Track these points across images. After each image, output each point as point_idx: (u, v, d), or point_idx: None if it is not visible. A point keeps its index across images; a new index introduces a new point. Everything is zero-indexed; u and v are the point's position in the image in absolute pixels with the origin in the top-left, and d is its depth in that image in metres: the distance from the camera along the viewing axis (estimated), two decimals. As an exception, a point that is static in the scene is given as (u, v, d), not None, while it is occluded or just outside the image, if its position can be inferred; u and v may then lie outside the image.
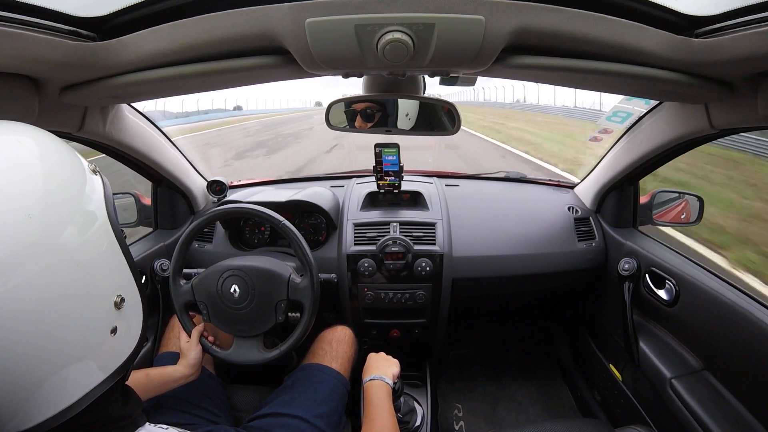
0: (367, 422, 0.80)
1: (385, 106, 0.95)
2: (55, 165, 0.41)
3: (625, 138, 1.21)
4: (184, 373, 0.89)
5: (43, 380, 0.38)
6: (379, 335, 1.39)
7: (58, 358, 0.39)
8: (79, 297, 0.40)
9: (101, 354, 0.43)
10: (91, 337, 0.42)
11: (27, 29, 0.52)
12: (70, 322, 0.39)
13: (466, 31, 0.55)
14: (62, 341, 0.39)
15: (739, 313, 0.88)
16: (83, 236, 0.41)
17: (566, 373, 1.70)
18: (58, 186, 0.40)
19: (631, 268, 1.20)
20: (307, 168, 7.52)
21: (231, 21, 0.56)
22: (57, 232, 0.38)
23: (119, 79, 0.67)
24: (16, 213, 0.36)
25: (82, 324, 0.41)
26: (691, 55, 0.59)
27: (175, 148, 1.30)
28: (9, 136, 0.41)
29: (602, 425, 0.86)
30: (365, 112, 0.95)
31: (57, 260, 0.38)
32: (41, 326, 0.37)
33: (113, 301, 0.44)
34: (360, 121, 0.97)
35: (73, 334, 0.40)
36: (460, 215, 1.38)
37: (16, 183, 0.37)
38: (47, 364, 0.38)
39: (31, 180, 0.38)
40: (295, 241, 0.95)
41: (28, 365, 0.37)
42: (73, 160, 0.44)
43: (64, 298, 0.38)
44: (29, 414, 0.38)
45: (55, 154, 0.42)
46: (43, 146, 0.42)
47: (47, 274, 0.37)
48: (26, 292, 0.35)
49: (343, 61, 0.62)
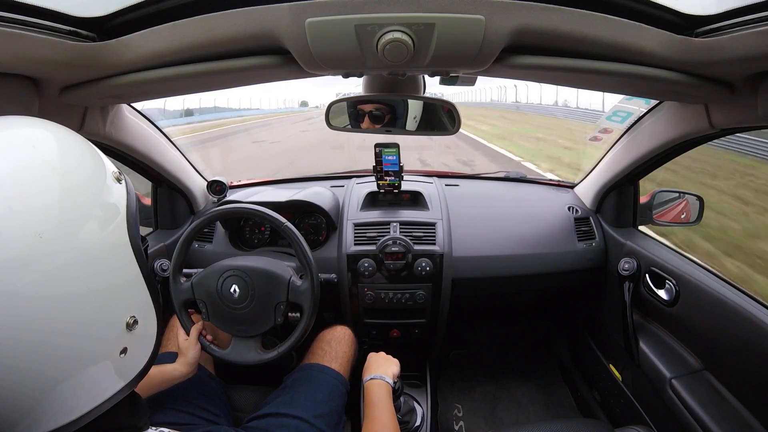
0: (368, 421, 0.80)
1: (394, 108, 0.95)
2: (69, 167, 0.40)
3: (625, 138, 1.21)
4: (182, 372, 0.89)
5: (53, 386, 0.37)
6: (379, 335, 1.39)
7: (60, 367, 0.38)
8: (88, 310, 0.39)
9: (108, 371, 0.42)
10: (99, 354, 0.41)
11: (27, 29, 0.52)
12: (78, 336, 0.38)
13: (466, 31, 0.55)
14: (66, 352, 0.38)
15: (739, 313, 0.88)
16: (94, 241, 0.40)
17: (566, 373, 1.70)
18: (76, 186, 0.39)
19: (631, 268, 1.20)
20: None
21: (231, 21, 0.56)
22: (64, 237, 0.37)
23: (119, 79, 0.67)
24: (32, 214, 0.35)
25: (90, 340, 0.40)
26: (691, 54, 0.59)
27: (175, 148, 1.30)
28: (21, 130, 0.40)
29: (602, 425, 0.86)
30: (372, 113, 0.95)
31: (66, 269, 0.37)
32: (41, 338, 0.36)
33: (125, 322, 0.43)
34: (367, 123, 0.97)
35: (79, 349, 0.39)
36: (460, 215, 1.38)
37: (32, 183, 0.36)
38: (50, 371, 0.37)
39: (50, 179, 0.37)
40: (296, 242, 0.95)
41: (37, 369, 0.36)
42: (91, 162, 0.43)
43: (71, 309, 0.37)
44: (40, 419, 0.38)
45: (71, 154, 0.41)
46: (59, 144, 0.41)
47: (60, 273, 0.36)
48: (39, 290, 0.35)
49: (343, 61, 0.62)
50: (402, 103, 0.95)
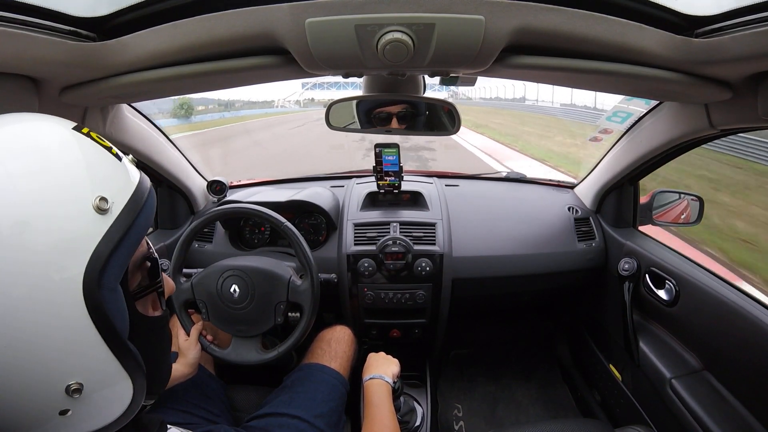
0: (368, 421, 0.80)
1: (417, 106, 0.94)
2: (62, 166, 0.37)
3: (625, 138, 1.21)
4: (183, 372, 0.89)
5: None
6: (379, 335, 1.39)
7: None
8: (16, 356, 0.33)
9: (58, 424, 0.37)
10: (36, 409, 0.36)
11: (27, 29, 0.52)
12: (11, 378, 0.33)
13: (466, 31, 0.55)
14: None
15: (739, 313, 0.88)
16: (53, 277, 0.33)
17: (566, 373, 1.70)
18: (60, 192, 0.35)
19: (631, 268, 1.20)
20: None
21: (231, 21, 0.56)
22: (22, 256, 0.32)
23: (119, 79, 0.67)
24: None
25: (24, 388, 0.34)
26: (691, 55, 0.59)
27: (175, 148, 1.30)
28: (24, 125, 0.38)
29: (602, 425, 0.86)
30: (400, 114, 0.94)
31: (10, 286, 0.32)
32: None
33: (65, 386, 0.35)
34: (396, 123, 0.96)
35: (12, 395, 0.34)
36: (460, 215, 1.38)
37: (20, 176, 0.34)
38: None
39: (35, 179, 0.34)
40: (296, 242, 0.95)
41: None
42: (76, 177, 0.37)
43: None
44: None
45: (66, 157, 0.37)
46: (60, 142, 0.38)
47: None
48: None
49: (343, 61, 0.62)
50: (422, 103, 0.94)
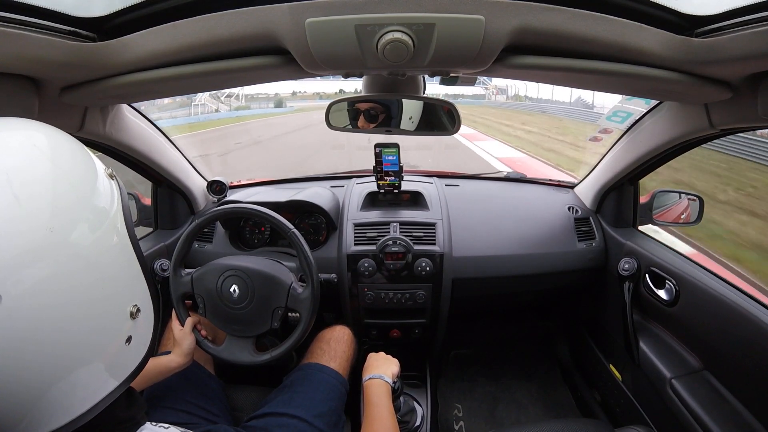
0: (367, 421, 0.80)
1: (389, 108, 0.95)
2: (67, 164, 0.41)
3: (625, 138, 1.21)
4: (178, 362, 0.89)
5: (50, 385, 0.37)
6: (379, 335, 1.39)
7: (68, 363, 0.38)
8: (94, 302, 0.40)
9: (114, 362, 0.43)
10: (106, 345, 0.42)
11: (27, 29, 0.52)
12: (85, 328, 0.39)
13: (466, 31, 0.55)
14: (75, 347, 0.38)
15: (739, 313, 0.88)
16: (95, 236, 0.41)
17: (566, 373, 1.70)
18: (70, 186, 0.40)
19: (631, 268, 1.20)
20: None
21: (231, 21, 0.56)
22: (68, 231, 0.38)
23: (119, 79, 0.67)
24: (29, 216, 0.35)
25: (97, 330, 0.40)
26: (691, 55, 0.59)
27: (175, 148, 1.30)
28: (20, 132, 0.40)
29: (602, 425, 0.86)
30: (368, 112, 0.95)
31: (71, 262, 0.37)
32: (54, 332, 0.36)
33: (129, 311, 0.44)
34: (363, 121, 0.97)
35: (87, 341, 0.39)
36: (460, 215, 1.38)
37: (27, 183, 0.36)
38: (56, 369, 0.37)
39: (44, 180, 0.38)
40: (300, 249, 0.95)
41: (37, 369, 0.36)
42: (85, 160, 0.44)
43: (79, 303, 0.38)
44: (38, 420, 0.37)
45: (68, 153, 0.42)
46: (55, 144, 0.41)
47: (61, 276, 0.37)
48: (39, 294, 0.35)
49: (343, 61, 0.62)
50: (396, 103, 0.95)
